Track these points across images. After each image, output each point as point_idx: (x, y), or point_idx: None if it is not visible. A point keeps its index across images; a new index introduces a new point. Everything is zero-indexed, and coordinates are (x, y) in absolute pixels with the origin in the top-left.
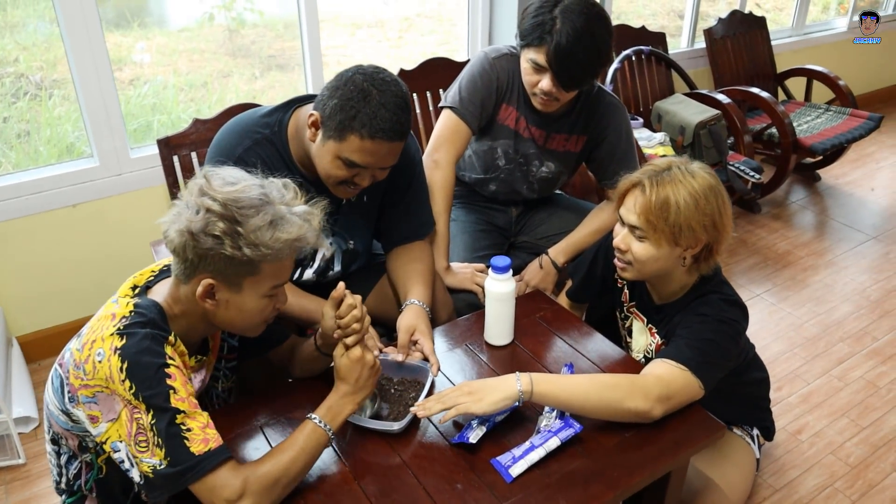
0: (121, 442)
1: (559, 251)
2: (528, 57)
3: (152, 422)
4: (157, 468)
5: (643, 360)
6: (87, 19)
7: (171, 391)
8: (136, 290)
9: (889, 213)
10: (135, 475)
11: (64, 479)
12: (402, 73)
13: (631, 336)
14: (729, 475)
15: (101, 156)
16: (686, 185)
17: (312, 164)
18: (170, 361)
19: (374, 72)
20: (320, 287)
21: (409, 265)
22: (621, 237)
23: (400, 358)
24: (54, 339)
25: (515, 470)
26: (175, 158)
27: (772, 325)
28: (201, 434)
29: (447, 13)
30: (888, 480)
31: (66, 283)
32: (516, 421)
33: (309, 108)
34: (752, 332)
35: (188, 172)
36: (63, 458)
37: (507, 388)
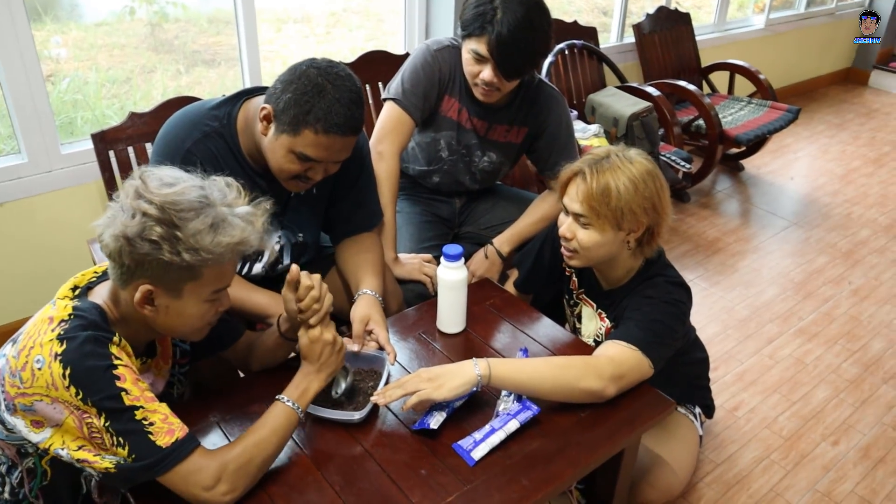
0: (63, 449)
1: (504, 241)
2: (470, 47)
3: (106, 424)
4: (121, 464)
5: (593, 343)
6: (13, 11)
7: (123, 392)
8: (77, 292)
9: (807, 200)
10: (92, 472)
11: (7, 488)
12: None
13: (580, 322)
14: (676, 452)
15: (30, 152)
16: (625, 171)
17: (262, 157)
18: (116, 362)
19: (328, 66)
20: (270, 281)
21: (360, 255)
22: (566, 226)
23: (356, 348)
24: None
25: (477, 453)
26: (111, 153)
27: (705, 308)
28: (165, 426)
29: (374, 8)
30: (818, 450)
31: None
32: (475, 406)
33: (258, 101)
34: None
35: (125, 168)
36: (3, 468)
37: (465, 374)
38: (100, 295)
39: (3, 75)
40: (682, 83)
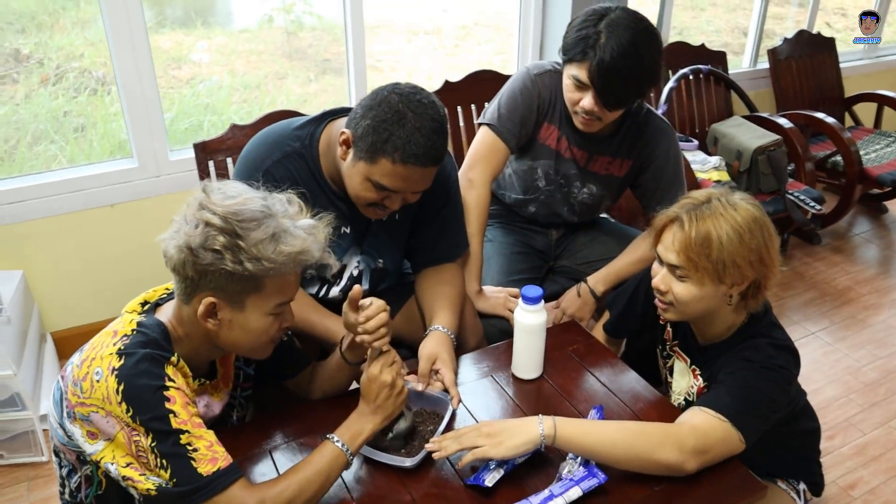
0: (112, 464)
1: (598, 279)
2: (570, 73)
3: (153, 444)
4: (162, 487)
5: (683, 402)
6: (131, 19)
7: (171, 415)
8: (146, 307)
9: None
10: (134, 493)
11: (67, 490)
12: (448, 84)
13: (672, 376)
14: None
15: (141, 157)
16: (728, 219)
17: (343, 181)
18: (169, 384)
19: (410, 92)
20: None
21: (438, 288)
22: (660, 277)
23: (420, 387)
24: (88, 336)
25: None
26: (210, 163)
27: (826, 367)
28: (209, 453)
29: (505, 23)
30: None
31: (101, 281)
32: (538, 465)
33: (342, 123)
34: (804, 375)
35: (224, 178)
36: (64, 471)
37: (528, 432)
38: (165, 313)
39: (120, 82)
40: (819, 115)
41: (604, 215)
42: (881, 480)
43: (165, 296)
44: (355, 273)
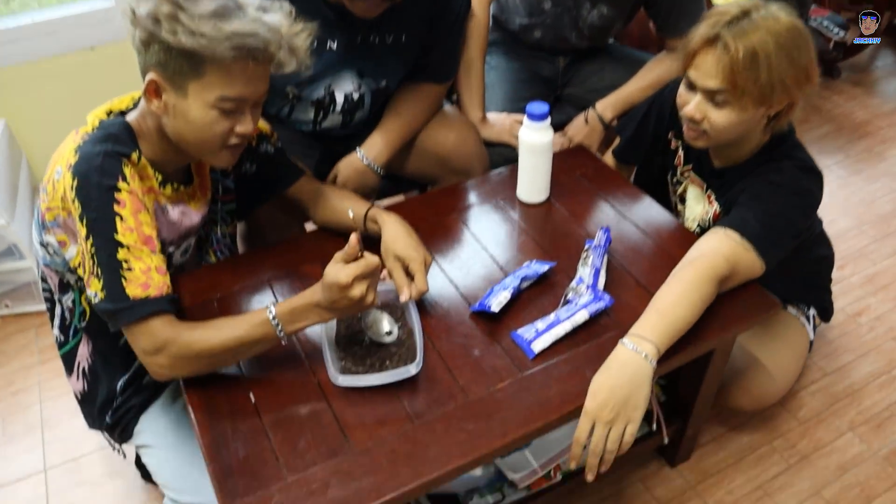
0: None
1: (607, 105)
2: None
3: (92, 250)
4: (93, 300)
5: (697, 230)
6: None
7: (118, 218)
8: (110, 115)
9: None
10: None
11: (56, 324)
12: None
13: (684, 203)
14: (778, 356)
15: None
16: (773, 33)
17: None
18: (122, 185)
19: None
20: (347, 137)
21: (401, 105)
22: (695, 105)
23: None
24: None
25: (538, 345)
26: None
27: (841, 199)
28: (142, 277)
29: None
30: None
31: None
32: (544, 287)
33: None
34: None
35: None
36: (56, 296)
37: (641, 374)
38: (133, 113)
39: None
40: None
41: (612, 41)
42: (888, 308)
43: (133, 106)
44: (356, 97)
